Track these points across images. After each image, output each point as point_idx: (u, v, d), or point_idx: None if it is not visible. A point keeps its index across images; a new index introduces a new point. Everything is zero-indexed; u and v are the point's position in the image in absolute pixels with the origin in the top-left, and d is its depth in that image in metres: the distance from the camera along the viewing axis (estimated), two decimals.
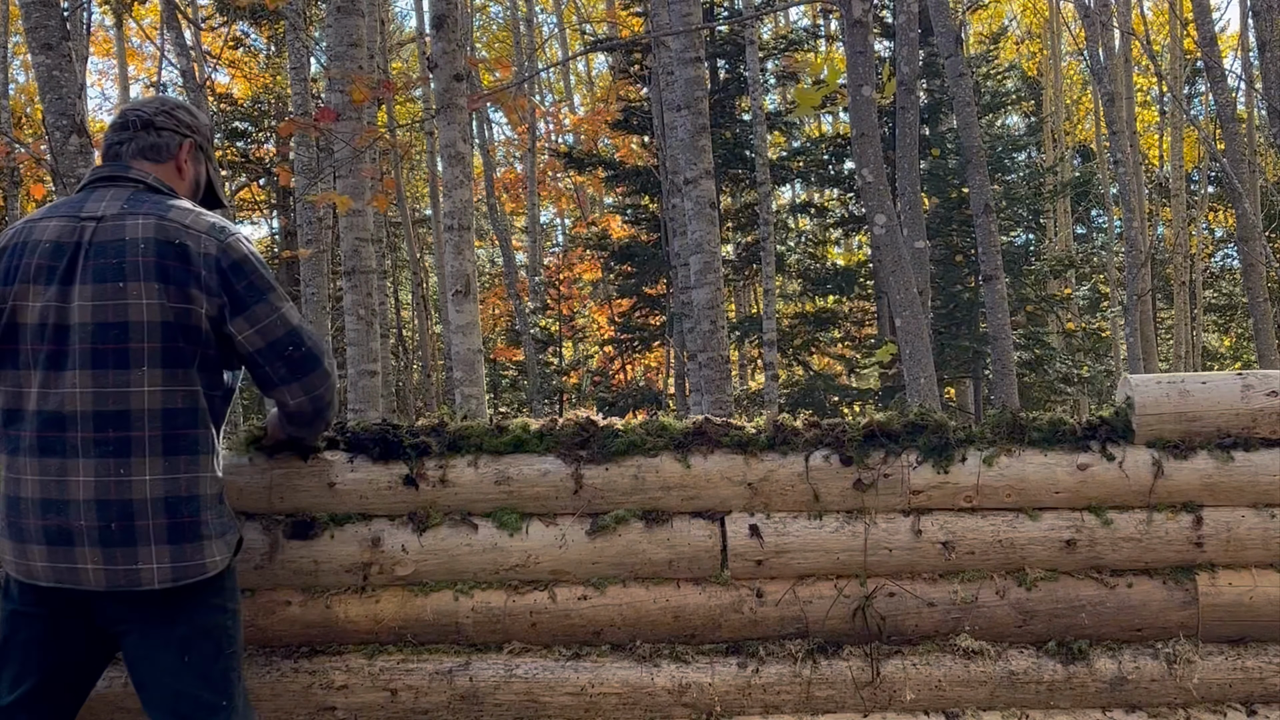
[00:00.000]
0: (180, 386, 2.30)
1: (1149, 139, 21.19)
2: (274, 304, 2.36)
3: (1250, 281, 11.37)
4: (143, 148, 2.48)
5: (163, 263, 2.29)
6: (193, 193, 2.55)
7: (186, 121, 2.56)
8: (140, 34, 17.41)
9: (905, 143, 9.03)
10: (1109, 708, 2.76)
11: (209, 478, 2.34)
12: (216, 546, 2.33)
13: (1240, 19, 24.72)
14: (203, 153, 2.60)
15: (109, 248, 2.30)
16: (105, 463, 2.25)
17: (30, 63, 7.30)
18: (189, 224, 2.35)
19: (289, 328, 2.37)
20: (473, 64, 8.97)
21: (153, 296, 2.28)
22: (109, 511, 2.25)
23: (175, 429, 2.29)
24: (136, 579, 2.26)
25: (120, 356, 2.27)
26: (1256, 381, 2.86)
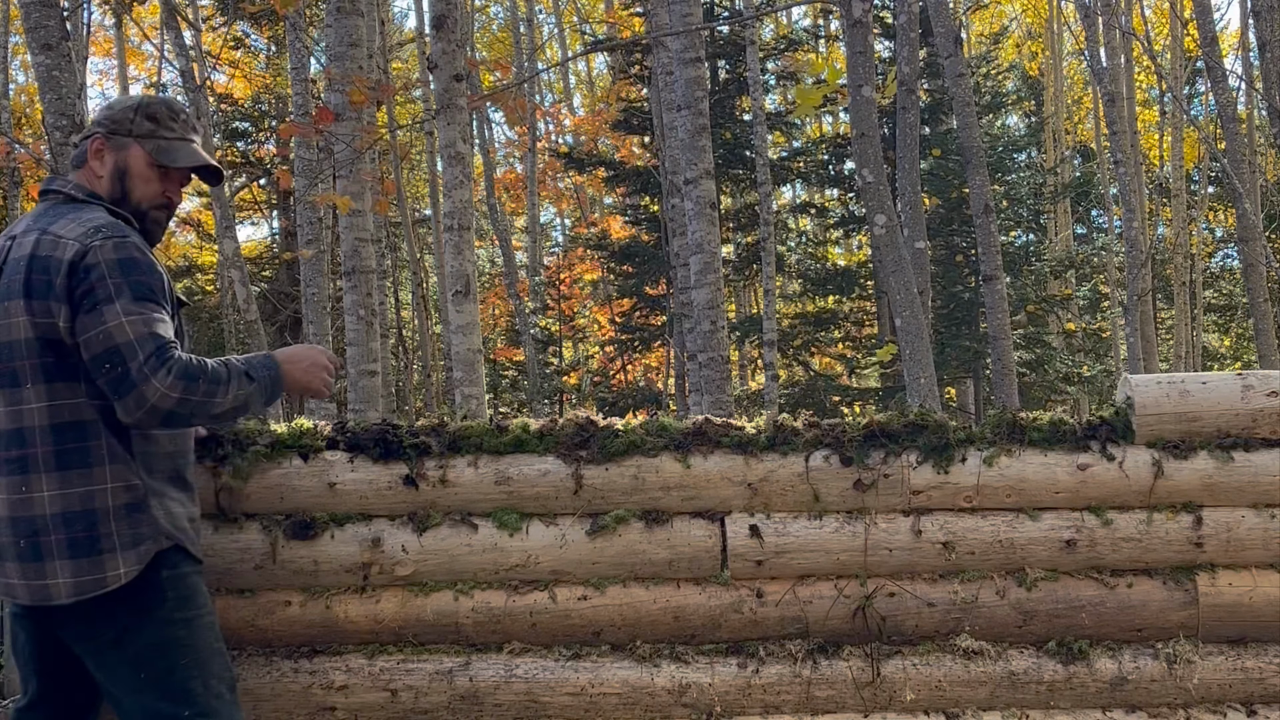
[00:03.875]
0: (64, 400, 2.29)
1: (1149, 139, 21.18)
2: (105, 316, 2.24)
3: (1250, 282, 11.36)
4: (73, 156, 2.56)
5: (30, 277, 2.30)
6: (114, 185, 2.49)
7: (97, 119, 2.55)
8: (140, 34, 17.42)
9: (905, 143, 9.03)
10: (1109, 708, 2.76)
11: (109, 489, 2.30)
12: (123, 559, 2.29)
13: (1240, 19, 24.73)
14: (127, 136, 2.51)
15: (11, 268, 2.35)
16: (11, 480, 2.30)
17: (30, 63, 7.32)
18: (64, 234, 2.32)
19: (113, 345, 2.23)
20: (473, 64, 8.97)
21: (21, 313, 2.30)
22: (19, 528, 2.29)
23: (64, 444, 2.28)
24: (47, 594, 2.28)
25: (11, 375, 2.31)
26: (1256, 382, 2.86)
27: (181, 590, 2.37)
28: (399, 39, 22.24)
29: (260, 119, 19.36)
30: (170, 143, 2.55)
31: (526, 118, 17.15)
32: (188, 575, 2.39)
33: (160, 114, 2.56)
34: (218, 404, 2.30)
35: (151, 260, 2.36)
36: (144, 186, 2.52)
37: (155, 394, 2.22)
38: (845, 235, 21.82)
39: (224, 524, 2.75)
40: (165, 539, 2.35)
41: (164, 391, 2.22)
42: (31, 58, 4.99)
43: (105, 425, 2.31)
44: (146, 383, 2.22)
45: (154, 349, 2.24)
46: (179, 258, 22.06)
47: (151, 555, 2.33)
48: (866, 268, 17.01)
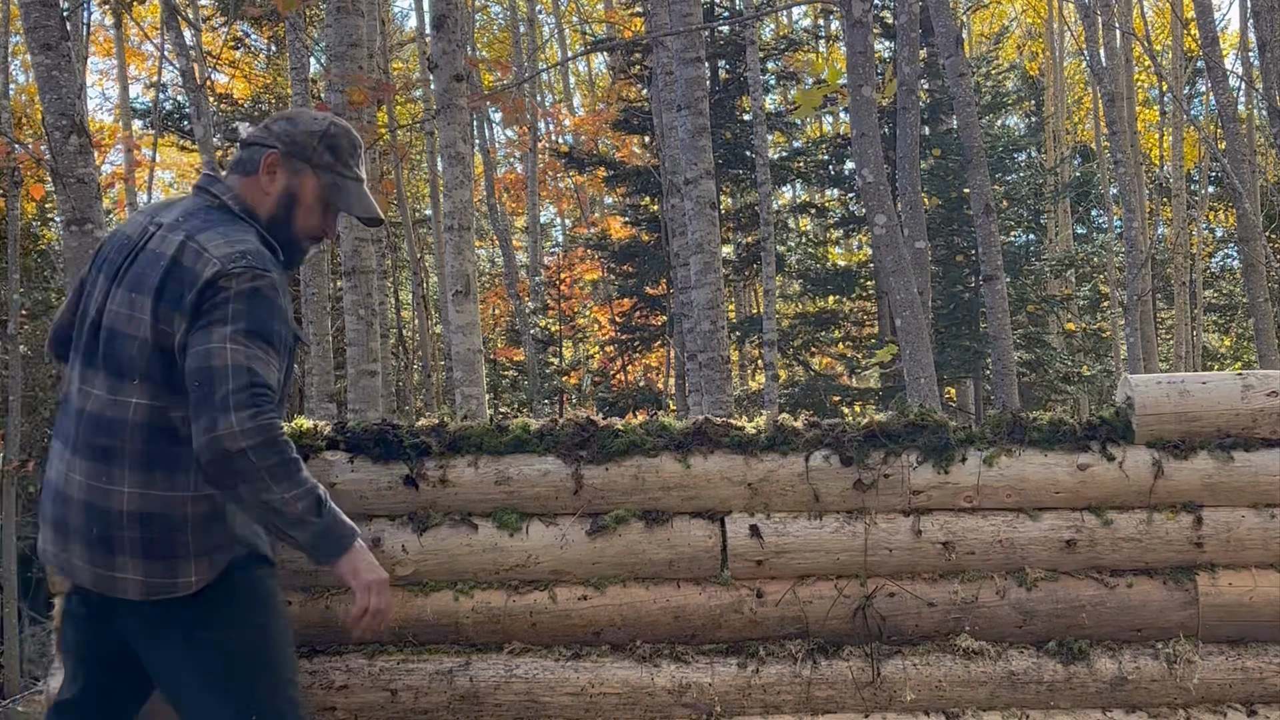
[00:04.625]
0: (164, 405, 2.26)
1: (1149, 139, 21.18)
2: (212, 336, 2.18)
3: (1251, 282, 11.36)
4: (236, 161, 2.48)
5: (166, 282, 2.27)
6: (278, 209, 2.43)
7: (276, 131, 2.46)
8: (140, 34, 17.42)
9: (906, 143, 9.03)
10: (1109, 708, 2.76)
11: (190, 498, 2.27)
12: (196, 565, 2.27)
13: (1240, 19, 24.73)
14: (306, 164, 2.44)
15: (147, 257, 2.32)
16: (94, 466, 2.28)
17: (30, 63, 7.30)
18: (209, 249, 2.26)
19: (208, 365, 2.17)
20: (473, 64, 8.96)
21: (147, 313, 2.27)
22: (91, 515, 2.27)
23: (154, 445, 2.26)
24: (114, 586, 2.28)
25: (121, 365, 2.28)
26: (1257, 381, 2.86)
27: (251, 594, 2.34)
28: (399, 39, 22.24)
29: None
30: (346, 183, 2.49)
31: (526, 118, 17.16)
32: (260, 579, 2.36)
33: (342, 148, 2.48)
34: (274, 491, 2.17)
35: (282, 306, 2.29)
36: (308, 219, 2.47)
37: (225, 429, 2.13)
38: (845, 235, 21.82)
39: None
40: (240, 546, 2.33)
41: (235, 431, 2.12)
42: (31, 58, 4.99)
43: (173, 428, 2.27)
44: (225, 414, 2.13)
45: (246, 383, 2.16)
46: None
47: (225, 563, 2.31)
48: (866, 268, 17.01)
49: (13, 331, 13.97)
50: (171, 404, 2.25)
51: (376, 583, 2.32)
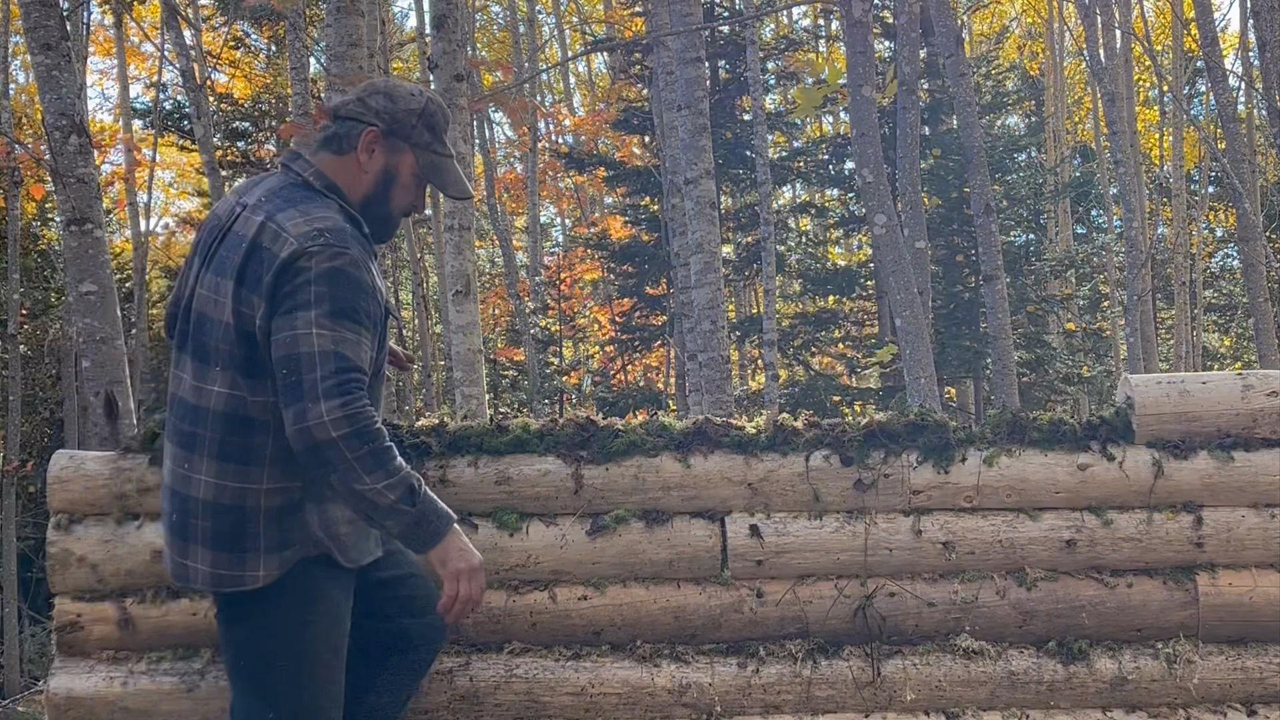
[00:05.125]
0: (242, 394, 2.23)
1: (1149, 139, 21.17)
2: (297, 321, 2.14)
3: (1250, 281, 11.36)
4: (326, 138, 2.40)
5: (246, 265, 2.22)
6: (377, 186, 2.39)
7: (375, 107, 2.38)
8: (140, 34, 17.42)
9: (906, 143, 9.03)
10: (1109, 708, 2.76)
11: (264, 490, 2.24)
12: (265, 561, 2.24)
13: (1240, 19, 24.73)
14: (405, 142, 2.39)
15: (231, 239, 2.28)
16: (179, 452, 2.29)
17: (30, 63, 7.31)
18: (287, 228, 2.22)
19: (295, 353, 2.13)
20: (473, 65, 8.95)
21: (229, 297, 2.23)
22: (174, 501, 2.29)
23: (230, 435, 2.24)
24: (185, 573, 2.29)
25: (205, 351, 2.27)
26: (1256, 381, 2.86)
27: (305, 593, 2.29)
28: (399, 39, 22.23)
29: (260, 119, 19.35)
30: (442, 160, 2.45)
31: (527, 118, 17.16)
32: (319, 581, 2.30)
33: (439, 125, 2.45)
34: (365, 481, 2.13)
35: (363, 279, 2.23)
36: (404, 196, 2.44)
37: (315, 418, 2.10)
38: (845, 235, 21.83)
39: None
40: (314, 547, 2.28)
41: (325, 420, 2.10)
42: (31, 57, 5.00)
43: (275, 427, 2.22)
44: (315, 402, 2.11)
45: (335, 369, 2.13)
46: (179, 257, 22.08)
47: (295, 561, 2.26)
48: (866, 268, 17.01)
49: (13, 331, 13.97)
50: (250, 392, 2.22)
51: (466, 570, 2.26)
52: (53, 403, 17.27)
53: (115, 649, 2.72)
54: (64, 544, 2.71)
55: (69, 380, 14.50)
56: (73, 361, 13.01)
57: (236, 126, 19.41)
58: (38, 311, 17.36)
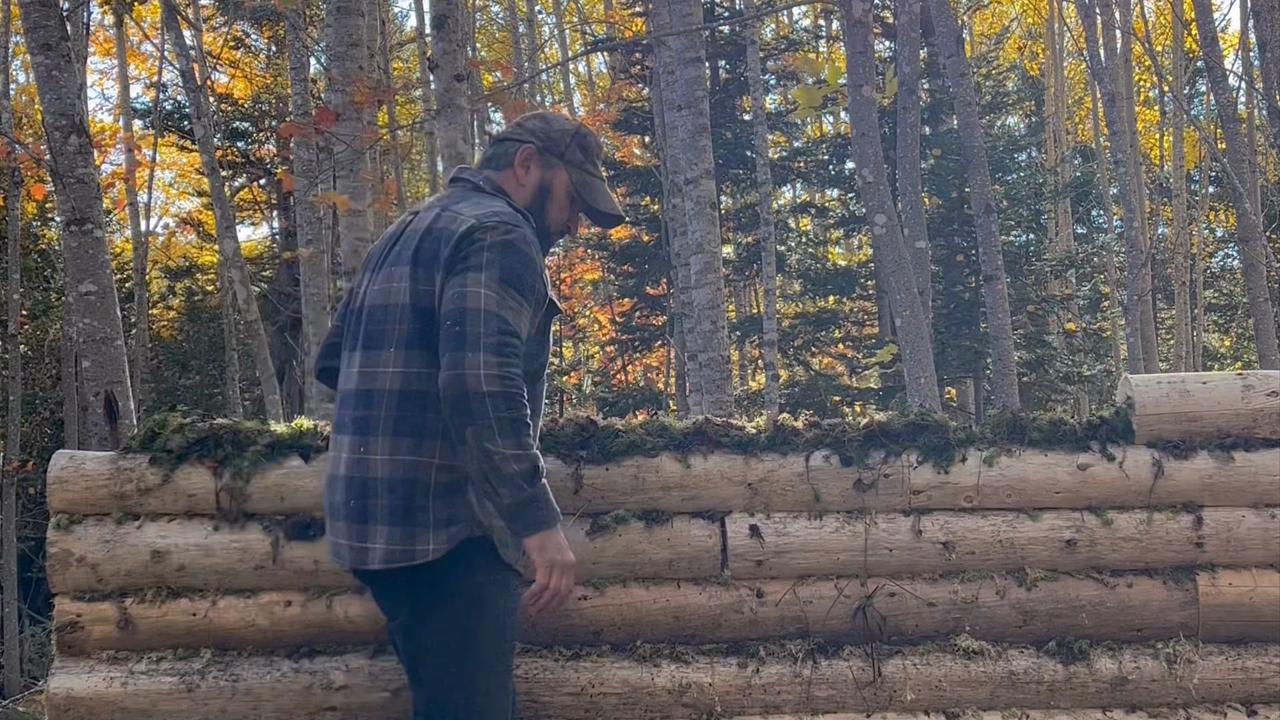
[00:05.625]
0: (417, 369, 2.31)
1: (1149, 139, 21.16)
2: (468, 280, 2.27)
3: (1251, 281, 11.36)
4: (488, 157, 2.60)
5: (421, 246, 2.36)
6: (532, 200, 2.54)
7: (529, 128, 2.59)
8: (140, 34, 17.42)
9: (906, 143, 9.03)
10: (1109, 708, 2.76)
11: (435, 465, 2.30)
12: (434, 536, 2.28)
13: (1241, 19, 24.75)
14: (559, 159, 2.56)
15: (405, 238, 2.44)
16: (354, 439, 2.34)
17: (30, 63, 7.31)
18: (464, 212, 2.37)
19: (462, 306, 2.25)
20: (473, 65, 8.94)
21: (405, 279, 2.35)
22: (352, 488, 2.33)
23: (405, 411, 2.30)
24: (364, 557, 2.31)
25: (378, 337, 2.36)
26: (1257, 381, 2.86)
27: (484, 581, 2.33)
28: (399, 39, 22.24)
29: (260, 119, 19.35)
30: (594, 180, 2.61)
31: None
32: (487, 558, 2.34)
33: (591, 147, 2.62)
34: (498, 443, 2.19)
35: (533, 256, 2.36)
36: (558, 212, 2.58)
37: (471, 367, 2.19)
38: (845, 235, 21.82)
39: (225, 524, 2.74)
40: (478, 528, 2.32)
41: (481, 373, 2.19)
42: (31, 58, 4.99)
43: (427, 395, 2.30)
44: (475, 353, 2.20)
45: (497, 329, 2.23)
46: (179, 257, 22.07)
47: (462, 539, 2.30)
48: (867, 268, 17.00)
49: (13, 331, 13.97)
50: (423, 366, 2.31)
51: (561, 564, 2.30)
52: (53, 403, 17.27)
53: (115, 649, 2.72)
54: (64, 544, 2.72)
55: (69, 380, 14.51)
56: (73, 361, 13.01)
57: (236, 126, 19.42)
58: (38, 311, 17.36)
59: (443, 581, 2.31)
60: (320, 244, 11.00)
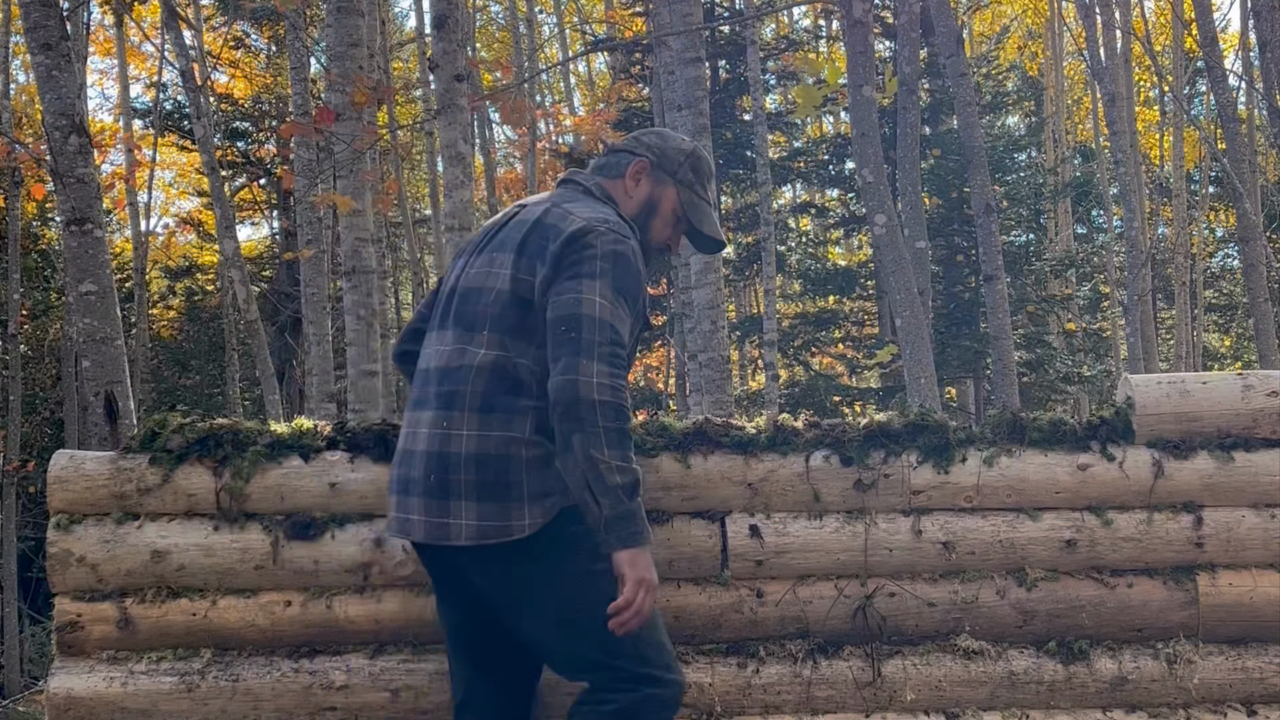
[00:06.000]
0: (510, 354, 2.33)
1: (1149, 139, 21.16)
2: (582, 286, 2.29)
3: (1251, 282, 11.36)
4: (600, 165, 2.65)
5: (528, 237, 2.40)
6: (639, 213, 2.58)
7: (646, 142, 2.63)
8: (140, 34, 17.42)
9: (906, 143, 9.03)
10: (1109, 708, 2.76)
11: (525, 440, 2.30)
12: (529, 510, 2.28)
13: (1241, 19, 24.74)
14: (670, 176, 2.60)
15: (509, 228, 2.48)
16: (436, 414, 2.35)
17: (30, 63, 7.31)
18: (575, 212, 2.41)
19: (577, 312, 2.27)
20: (473, 65, 8.95)
21: (507, 266, 2.39)
22: (431, 463, 2.33)
23: (495, 391, 2.32)
24: (446, 533, 2.30)
25: (471, 319, 2.39)
26: (1257, 381, 2.86)
27: (585, 542, 2.31)
28: (399, 39, 22.24)
29: (260, 119, 19.35)
30: (701, 202, 2.63)
31: (526, 119, 17.16)
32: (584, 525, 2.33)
33: (703, 170, 2.65)
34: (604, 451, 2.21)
35: (639, 269, 2.40)
36: (662, 229, 2.61)
37: (586, 374, 2.22)
38: (846, 235, 21.82)
39: (225, 524, 2.74)
40: (570, 497, 2.31)
41: (594, 380, 2.22)
42: (31, 57, 5.00)
43: (538, 388, 2.33)
44: (589, 360, 2.24)
45: (611, 340, 2.27)
46: (179, 257, 22.07)
47: (557, 510, 2.30)
48: (867, 268, 17.00)
49: (13, 331, 13.97)
50: (517, 352, 2.34)
51: (648, 582, 2.29)
52: (53, 403, 17.27)
53: (115, 649, 2.72)
54: (64, 544, 2.72)
55: (69, 380, 14.51)
56: (73, 361, 13.02)
57: (236, 126, 19.42)
58: (38, 311, 17.36)
59: (547, 553, 2.30)
60: (320, 244, 11.00)
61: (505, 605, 2.37)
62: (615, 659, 2.30)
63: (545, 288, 2.33)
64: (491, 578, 2.35)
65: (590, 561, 2.30)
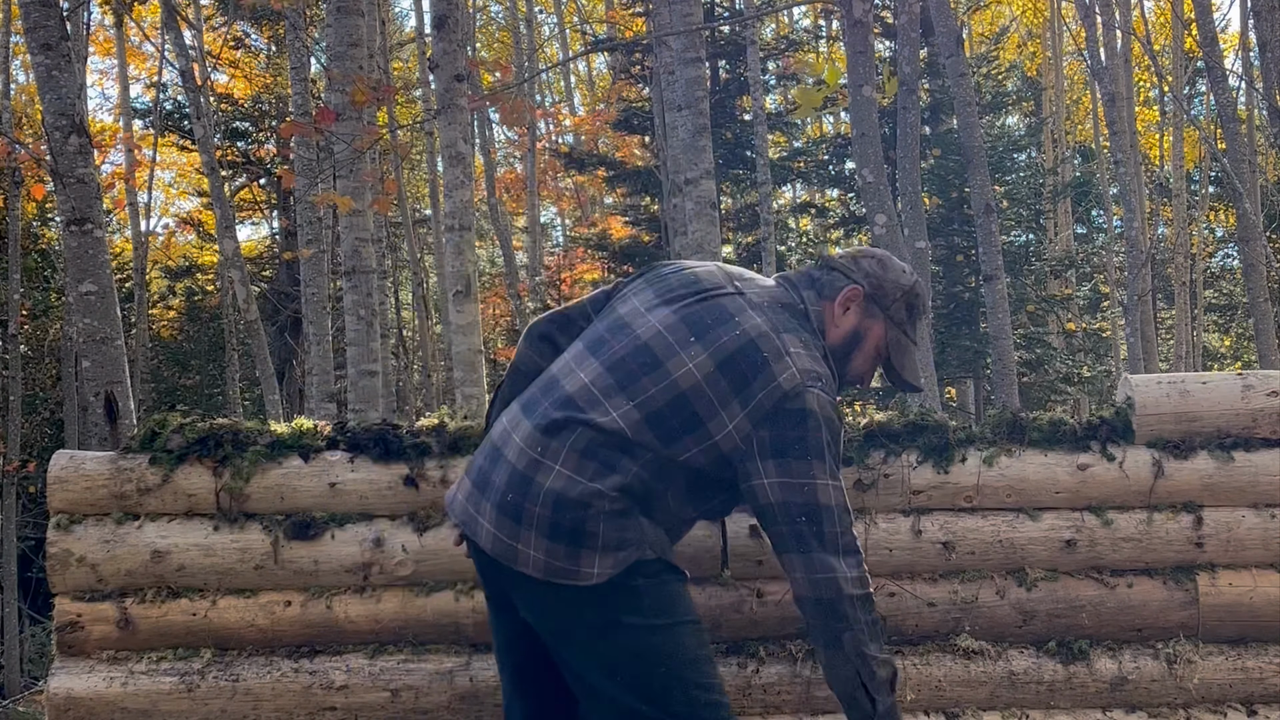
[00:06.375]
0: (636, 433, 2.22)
1: (1149, 139, 21.15)
2: (813, 470, 2.18)
3: (1251, 282, 11.35)
4: (817, 279, 2.45)
5: (734, 355, 2.23)
6: (842, 344, 2.41)
7: (865, 268, 2.46)
8: (140, 34, 17.42)
9: (906, 143, 9.03)
10: (1109, 708, 2.76)
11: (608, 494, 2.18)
12: (601, 560, 2.17)
13: (1241, 19, 24.74)
14: (882, 311, 2.44)
15: (715, 310, 2.30)
16: (532, 434, 2.25)
17: (30, 63, 7.32)
18: (792, 353, 2.25)
19: (814, 501, 2.18)
20: (473, 65, 8.94)
21: (690, 362, 2.24)
22: (513, 479, 2.23)
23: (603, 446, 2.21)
24: (513, 555, 2.21)
25: (628, 379, 2.26)
26: (1257, 381, 2.86)
27: (660, 597, 2.24)
28: (399, 39, 22.24)
29: (260, 119, 19.36)
30: (908, 343, 2.49)
31: (526, 119, 17.15)
32: (668, 583, 2.26)
33: (917, 309, 2.51)
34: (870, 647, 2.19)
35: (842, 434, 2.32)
36: (861, 364, 2.47)
37: (842, 571, 2.16)
38: (846, 235, 21.79)
39: (224, 524, 2.75)
40: (650, 550, 2.23)
41: (848, 577, 2.17)
42: (31, 58, 5.00)
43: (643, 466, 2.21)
44: (838, 556, 2.17)
45: (848, 528, 2.20)
46: (179, 257, 22.08)
47: (631, 561, 2.20)
48: None
49: (13, 331, 13.98)
50: (646, 436, 2.22)
51: None
52: (53, 403, 17.28)
53: (115, 649, 2.73)
54: (64, 544, 2.72)
55: (69, 380, 14.51)
56: (73, 361, 13.02)
57: (236, 126, 19.43)
58: (38, 311, 17.37)
59: (610, 601, 2.20)
60: (320, 244, 11.00)
61: (555, 637, 2.29)
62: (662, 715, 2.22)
63: (751, 446, 2.20)
64: (547, 611, 2.27)
65: (652, 616, 2.22)
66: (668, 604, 2.25)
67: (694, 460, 2.25)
